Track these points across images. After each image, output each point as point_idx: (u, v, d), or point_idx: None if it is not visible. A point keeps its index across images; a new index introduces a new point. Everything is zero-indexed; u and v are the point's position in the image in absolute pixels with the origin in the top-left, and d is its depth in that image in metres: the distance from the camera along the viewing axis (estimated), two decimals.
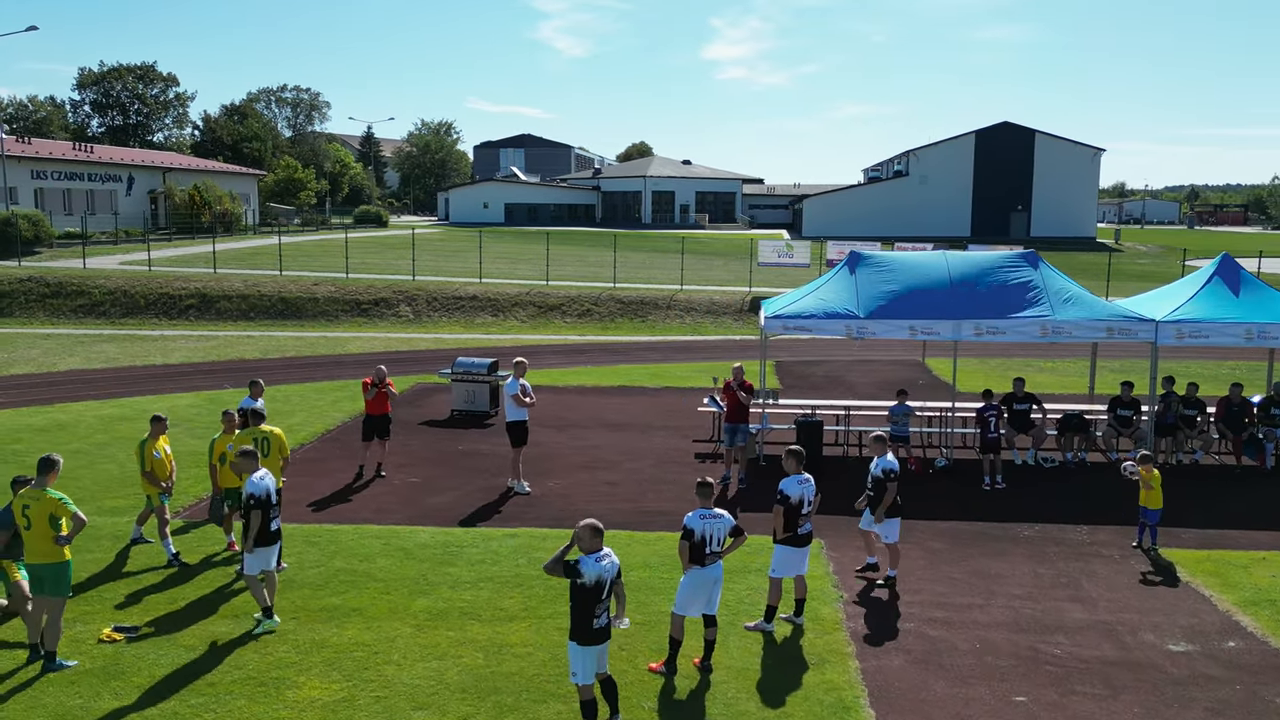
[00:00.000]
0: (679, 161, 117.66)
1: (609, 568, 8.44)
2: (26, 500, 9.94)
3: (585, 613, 8.33)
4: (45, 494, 9.92)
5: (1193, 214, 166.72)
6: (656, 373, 27.80)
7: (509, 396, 16.37)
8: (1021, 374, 27.13)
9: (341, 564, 12.80)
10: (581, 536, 8.45)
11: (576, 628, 8.39)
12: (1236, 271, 18.09)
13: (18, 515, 10.01)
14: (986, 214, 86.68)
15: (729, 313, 39.24)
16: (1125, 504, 15.43)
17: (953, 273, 18.16)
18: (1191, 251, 75.50)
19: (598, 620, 8.36)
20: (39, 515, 9.84)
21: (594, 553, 8.42)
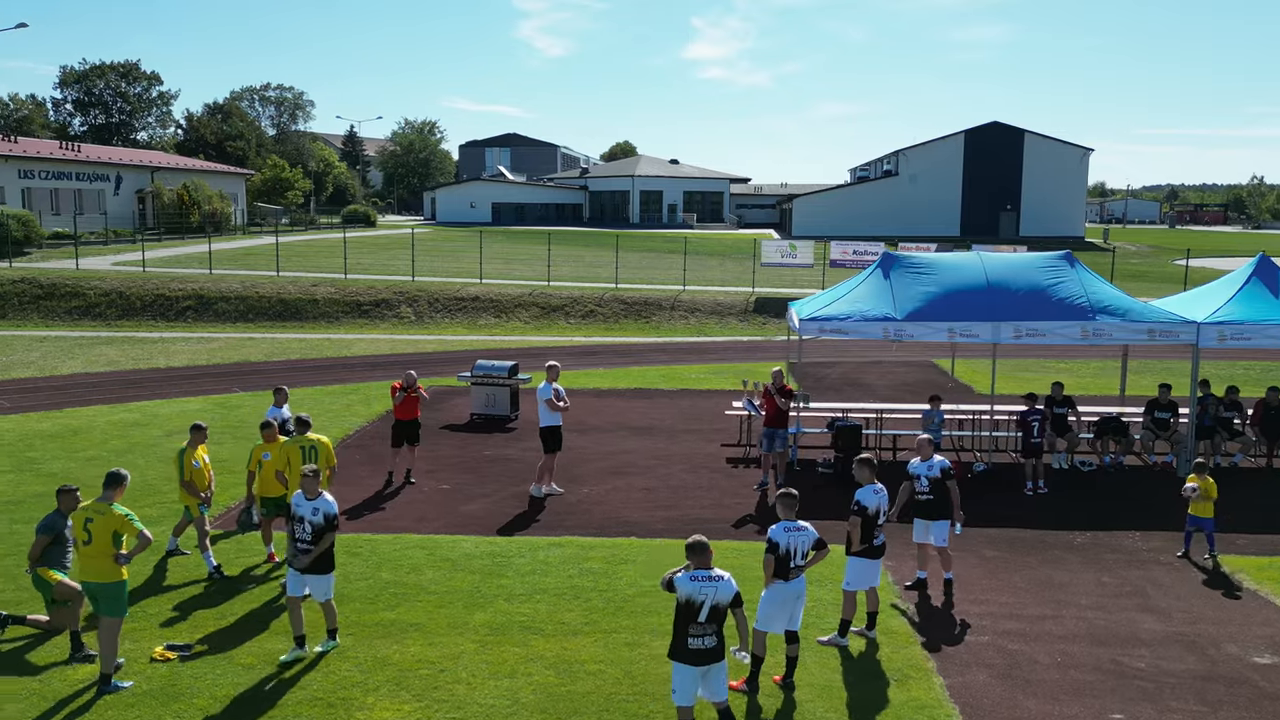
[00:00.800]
0: (666, 161, 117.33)
1: (709, 589, 8.00)
2: (90, 513, 9.53)
3: (680, 630, 8.00)
4: (112, 509, 9.54)
5: (1173, 214, 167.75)
6: (669, 375, 27.48)
7: (541, 401, 16.02)
8: (1035, 375, 27.00)
9: (389, 576, 12.41)
10: (688, 551, 8.09)
11: (673, 644, 8.07)
12: (1275, 272, 17.91)
13: (79, 528, 9.60)
14: (976, 214, 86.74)
15: (733, 313, 38.96)
16: (1172, 509, 15.23)
17: (989, 274, 17.91)
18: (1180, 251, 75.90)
19: (694, 640, 7.95)
20: (102, 530, 9.43)
21: (700, 570, 8.02)
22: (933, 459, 12.16)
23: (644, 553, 13.33)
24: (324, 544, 10.03)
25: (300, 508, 10.13)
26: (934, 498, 12.10)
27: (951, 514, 12.03)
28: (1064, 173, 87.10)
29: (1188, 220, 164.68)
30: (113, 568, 9.44)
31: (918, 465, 12.24)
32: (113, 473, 9.87)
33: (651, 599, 11.69)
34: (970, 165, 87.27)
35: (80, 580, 9.78)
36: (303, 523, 10.09)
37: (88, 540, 9.45)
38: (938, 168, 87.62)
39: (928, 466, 12.16)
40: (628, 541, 13.84)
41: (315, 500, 10.10)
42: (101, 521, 9.42)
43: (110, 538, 9.40)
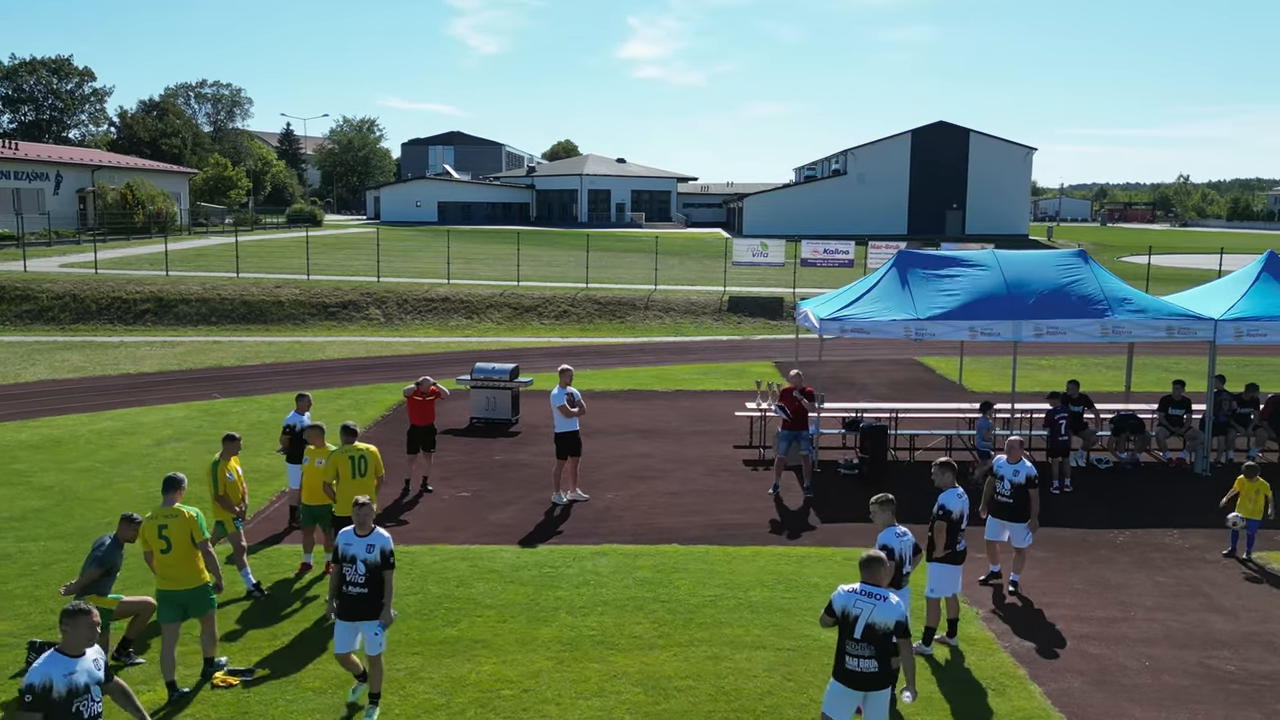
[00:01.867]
0: (613, 160, 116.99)
1: (865, 604, 7.48)
2: (163, 520, 9.27)
3: (840, 646, 7.59)
4: (184, 512, 9.31)
5: (1104, 212, 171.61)
6: (660, 375, 27.15)
7: (555, 407, 15.60)
8: (1023, 373, 27.16)
9: (438, 590, 11.91)
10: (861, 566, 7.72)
11: (835, 659, 7.65)
12: None
13: (153, 538, 9.25)
14: (923, 212, 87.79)
15: (708, 313, 38.74)
16: (1201, 506, 15.32)
17: (1006, 272, 17.85)
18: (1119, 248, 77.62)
19: (850, 660, 7.50)
20: (180, 535, 9.24)
21: (868, 584, 7.61)
22: (1021, 463, 11.97)
23: (693, 560, 12.98)
24: (387, 585, 8.83)
25: (351, 546, 8.79)
26: (1014, 502, 11.95)
27: (1029, 520, 11.88)
28: (1008, 171, 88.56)
29: (1117, 218, 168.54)
30: (196, 571, 9.28)
31: (1004, 466, 12.06)
32: (173, 477, 9.66)
33: (718, 609, 11.36)
34: (917, 164, 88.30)
35: (165, 589, 9.35)
36: (354, 563, 8.76)
37: (166, 548, 9.22)
38: (885, 167, 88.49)
39: (1014, 470, 11.98)
40: (672, 549, 13.48)
41: (369, 536, 8.84)
42: (177, 526, 9.24)
43: (189, 541, 9.25)
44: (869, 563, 7.64)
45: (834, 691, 7.64)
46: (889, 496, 9.26)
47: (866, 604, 7.48)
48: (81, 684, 6.45)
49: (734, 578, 12.38)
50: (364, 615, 8.82)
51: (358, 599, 8.79)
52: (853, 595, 7.56)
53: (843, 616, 7.53)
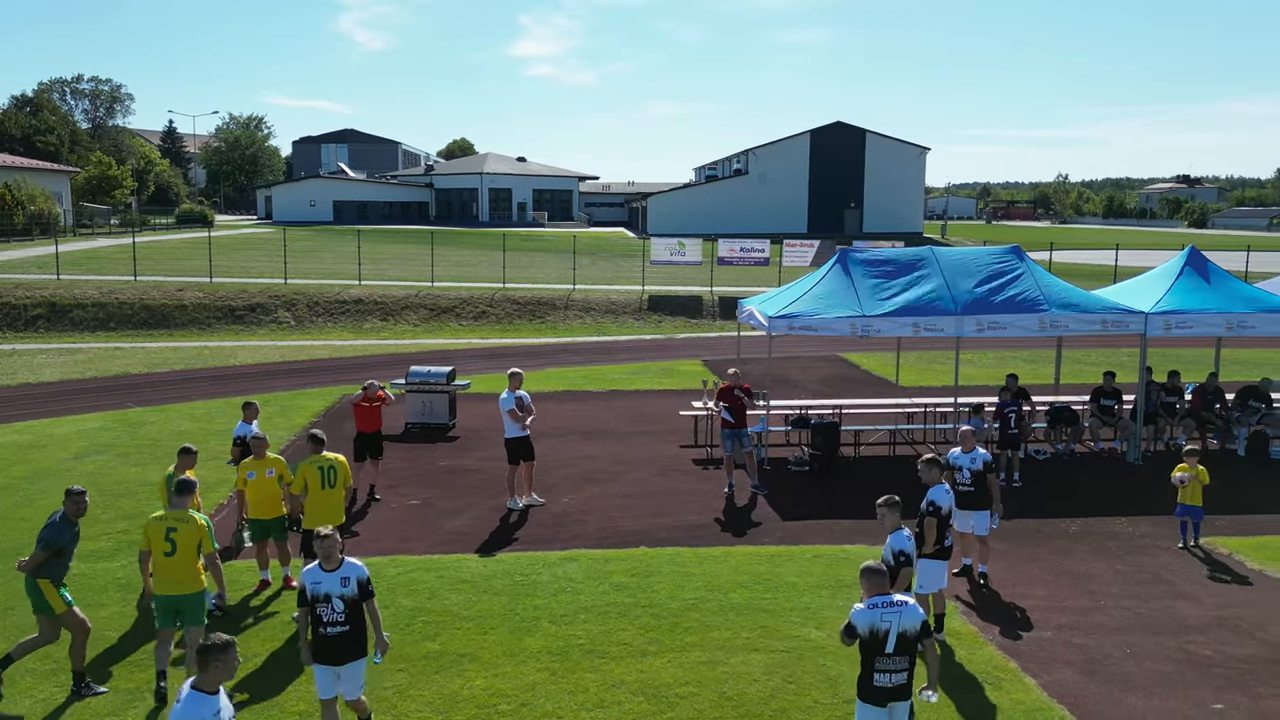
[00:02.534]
0: (514, 159, 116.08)
1: (891, 615, 7.24)
2: (173, 522, 9.11)
3: (868, 665, 7.30)
4: (195, 518, 9.20)
5: (989, 210, 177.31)
6: (591, 375, 26.91)
7: (504, 412, 15.26)
8: (944, 367, 27.77)
9: (410, 602, 11.49)
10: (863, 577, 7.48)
11: (860, 680, 7.37)
12: (1205, 263, 18.86)
13: (159, 538, 9.05)
14: (822, 211, 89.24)
15: (628, 312, 38.61)
16: (1141, 494, 15.81)
17: (945, 270, 18.14)
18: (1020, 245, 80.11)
19: (881, 677, 7.23)
20: (188, 541, 9.06)
21: (878, 596, 7.37)
22: (975, 451, 12.13)
23: (665, 563, 12.82)
24: (373, 615, 8.05)
25: (321, 584, 7.86)
26: (975, 489, 12.08)
27: (992, 505, 12.05)
28: (903, 171, 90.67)
29: (1002, 216, 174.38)
30: (196, 577, 9.11)
31: (960, 457, 12.20)
32: (184, 480, 9.50)
33: (702, 613, 11.21)
34: (816, 164, 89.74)
35: (163, 593, 9.12)
36: (329, 602, 7.84)
37: (170, 551, 9.02)
38: (785, 167, 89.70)
39: (970, 459, 12.13)
40: (641, 552, 13.29)
41: (339, 569, 7.93)
42: (187, 532, 9.06)
43: (195, 549, 9.09)
44: (874, 574, 7.45)
45: (872, 716, 7.31)
46: (896, 499, 9.24)
47: (893, 614, 7.29)
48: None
49: (711, 580, 12.25)
50: (348, 656, 7.93)
51: (339, 639, 7.88)
52: (876, 611, 7.28)
53: (871, 635, 7.23)
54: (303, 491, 11.02)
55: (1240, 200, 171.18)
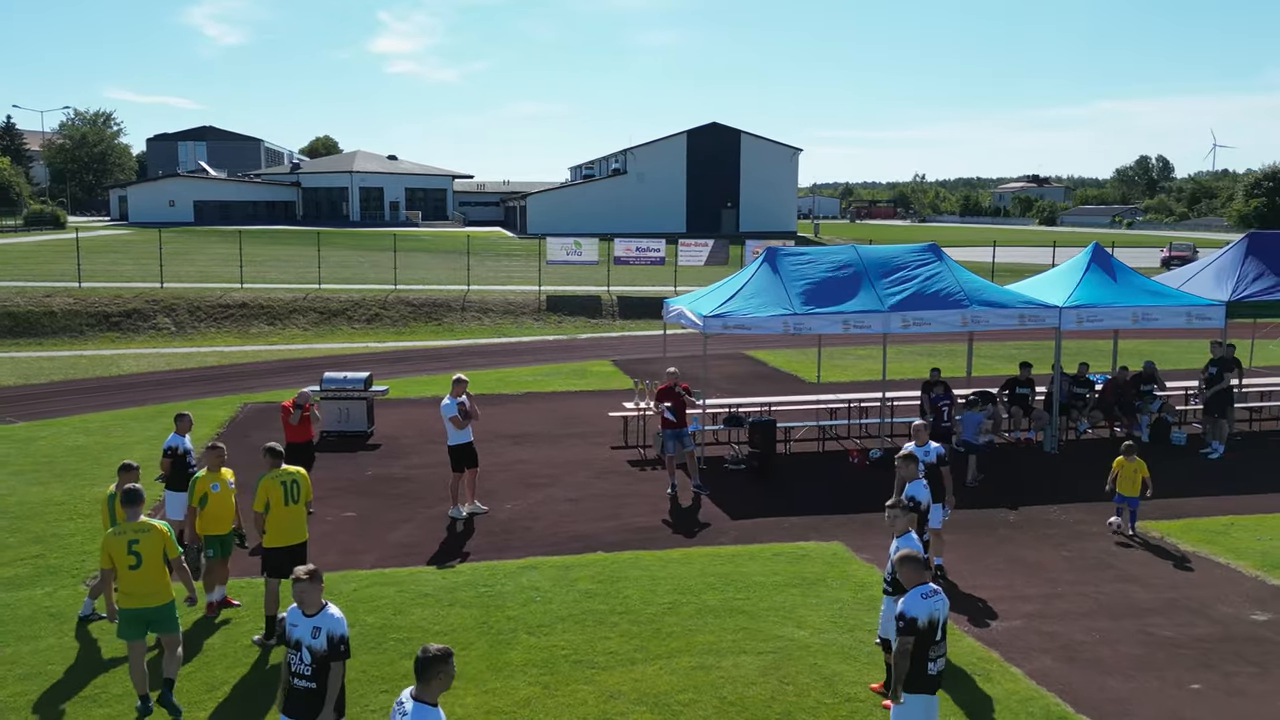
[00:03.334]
0: (385, 157, 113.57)
1: (939, 603, 7.40)
2: (133, 534, 8.70)
3: (920, 657, 7.32)
4: (155, 525, 8.85)
5: (853, 210, 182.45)
6: (502, 379, 26.44)
7: (447, 418, 14.86)
8: (852, 363, 28.37)
9: (374, 619, 11.01)
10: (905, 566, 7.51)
11: (913, 674, 7.36)
12: (1109, 259, 19.73)
13: (122, 553, 8.63)
14: (700, 211, 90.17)
15: (527, 312, 38.15)
16: (1064, 482, 16.40)
17: (869, 267, 18.48)
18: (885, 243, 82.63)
19: (933, 665, 7.35)
20: (153, 551, 8.70)
21: (922, 585, 7.42)
22: (929, 445, 12.34)
23: (629, 568, 12.64)
24: (333, 681, 7.11)
25: (297, 628, 7.14)
26: (931, 483, 12.28)
27: (944, 497, 12.27)
28: (777, 171, 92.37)
29: (865, 215, 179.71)
30: (165, 588, 8.80)
31: (915, 450, 12.39)
32: (134, 489, 9.11)
33: (680, 617, 11.09)
34: (693, 164, 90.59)
35: (130, 607, 8.76)
36: (299, 650, 7.12)
37: (136, 564, 8.66)
38: (663, 166, 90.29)
39: (924, 452, 12.31)
40: (599, 557, 13.08)
41: (316, 616, 7.14)
42: (149, 541, 8.72)
43: (161, 558, 8.77)
44: (917, 562, 7.57)
45: (928, 705, 7.41)
46: (908, 503, 9.37)
47: (940, 602, 7.43)
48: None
49: (679, 582, 12.13)
50: (310, 715, 7.11)
51: (304, 695, 7.10)
52: (927, 601, 7.37)
53: (929, 625, 7.32)
54: (264, 508, 10.41)
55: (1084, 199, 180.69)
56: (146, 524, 8.84)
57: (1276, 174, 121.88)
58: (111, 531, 8.88)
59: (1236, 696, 9.36)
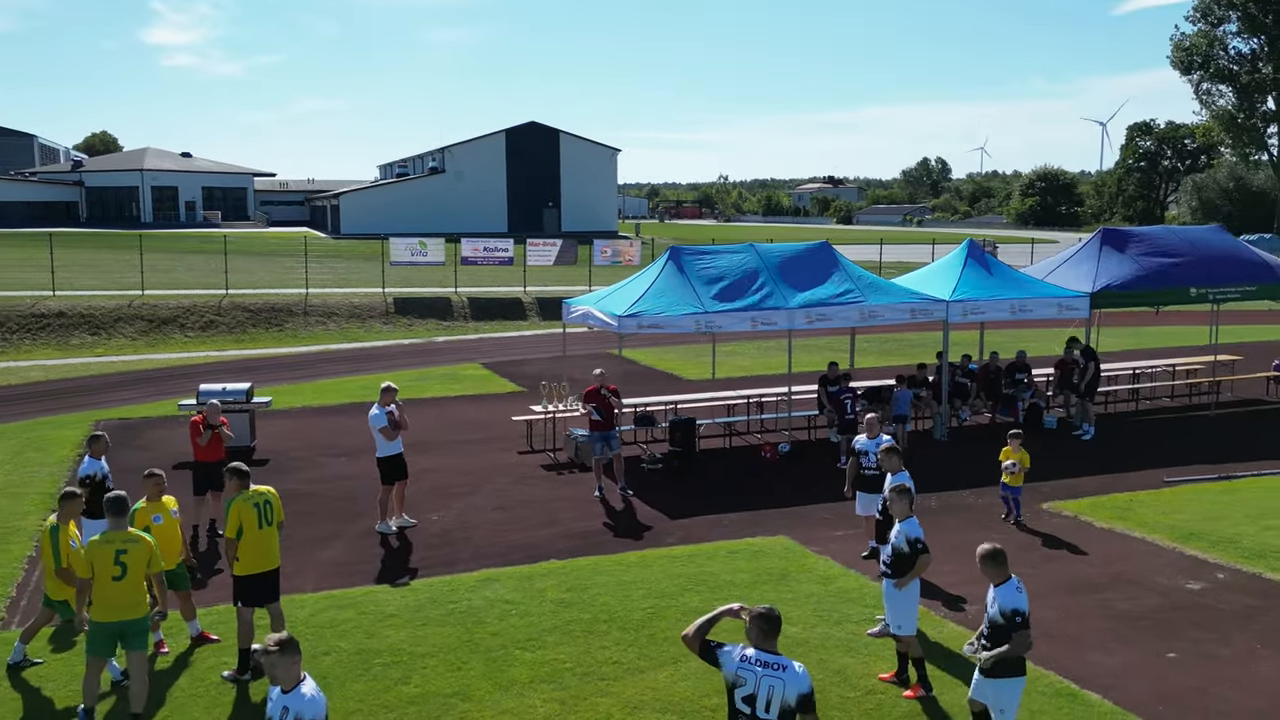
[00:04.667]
0: (178, 154, 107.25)
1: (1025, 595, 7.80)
2: (120, 544, 8.42)
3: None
4: (144, 537, 8.68)
5: (661, 210, 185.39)
6: (371, 386, 25.27)
7: (376, 429, 14.18)
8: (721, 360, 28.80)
9: (349, 645, 10.35)
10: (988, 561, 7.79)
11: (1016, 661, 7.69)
12: (982, 255, 20.80)
13: (107, 563, 8.32)
14: (521, 210, 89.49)
15: (374, 316, 36.76)
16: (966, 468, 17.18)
17: (768, 265, 18.79)
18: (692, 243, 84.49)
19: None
20: (138, 563, 8.47)
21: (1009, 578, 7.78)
22: (880, 436, 12.68)
23: (592, 575, 12.37)
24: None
25: (270, 702, 6.01)
26: (880, 473, 12.61)
27: None
28: (597, 171, 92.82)
29: (672, 215, 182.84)
30: (144, 601, 8.59)
31: (866, 442, 12.72)
32: (119, 497, 8.73)
33: (666, 621, 10.93)
34: (513, 163, 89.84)
35: (105, 620, 8.45)
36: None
37: (120, 575, 8.39)
38: (483, 165, 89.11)
39: (875, 444, 12.65)
40: (556, 565, 12.76)
41: (290, 694, 5.94)
42: (137, 553, 8.50)
43: (145, 570, 8.55)
44: (998, 556, 7.85)
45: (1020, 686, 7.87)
46: (908, 487, 9.50)
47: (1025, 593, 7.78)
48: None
49: (650, 586, 11.96)
50: None
51: None
52: (1024, 592, 7.86)
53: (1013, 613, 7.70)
54: (236, 534, 9.55)
55: (876, 199, 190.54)
56: (135, 535, 8.65)
57: (1047, 175, 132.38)
58: (96, 540, 8.54)
59: (1211, 661, 10.03)
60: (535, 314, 38.62)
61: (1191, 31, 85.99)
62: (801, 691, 5.82)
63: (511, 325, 36.91)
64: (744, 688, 5.89)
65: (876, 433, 12.86)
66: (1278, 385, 23.71)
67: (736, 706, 5.92)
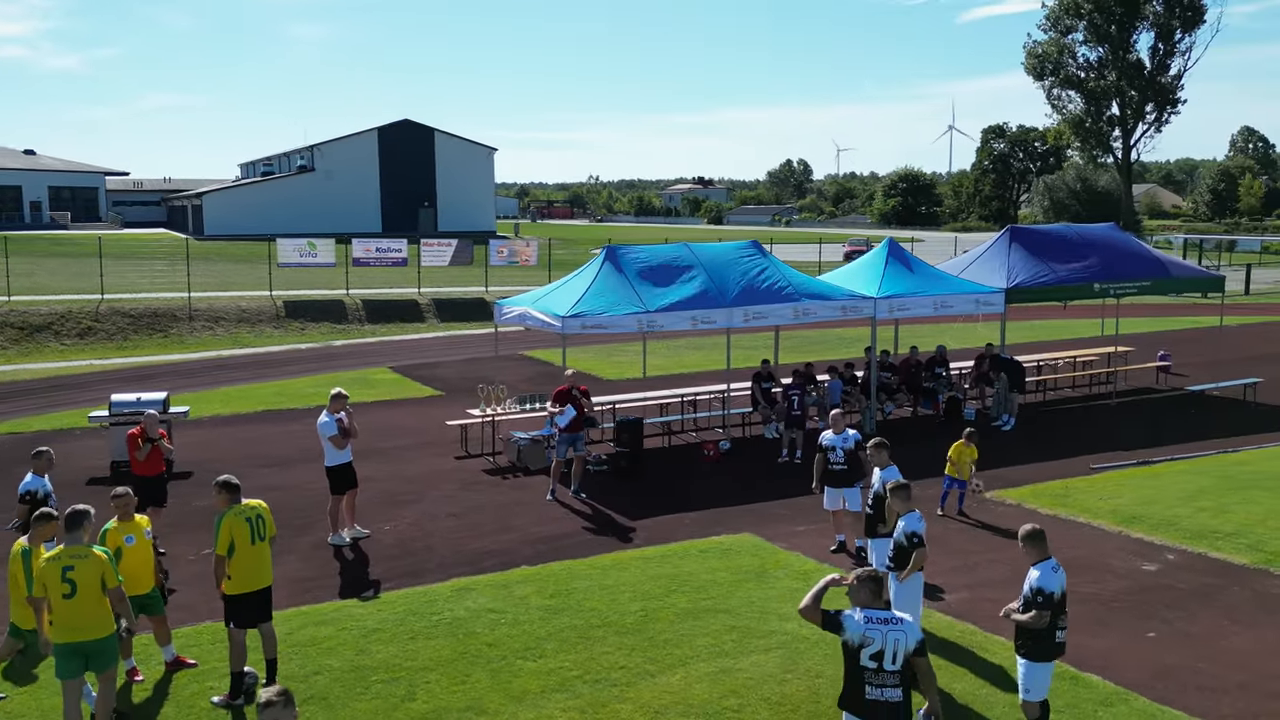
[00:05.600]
0: (20, 151, 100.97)
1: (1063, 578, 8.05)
2: (67, 560, 7.99)
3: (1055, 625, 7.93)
4: (94, 551, 8.18)
5: (533, 210, 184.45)
6: (280, 392, 24.43)
7: (325, 438, 13.68)
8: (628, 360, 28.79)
9: (339, 663, 9.92)
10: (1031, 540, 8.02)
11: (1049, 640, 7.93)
12: (903, 253, 21.34)
13: (55, 580, 7.94)
14: (396, 210, 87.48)
15: (264, 320, 35.34)
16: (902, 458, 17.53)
17: (705, 265, 18.85)
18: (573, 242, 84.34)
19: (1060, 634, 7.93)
20: (89, 579, 8.00)
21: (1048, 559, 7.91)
22: (846, 431, 12.87)
23: (569, 580, 12.15)
24: None
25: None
26: (848, 467, 12.83)
27: (863, 480, 12.80)
28: (473, 170, 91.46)
29: (544, 215, 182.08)
30: (104, 618, 8.11)
31: (833, 438, 12.88)
32: (79, 511, 8.25)
33: (661, 624, 10.82)
34: (386, 162, 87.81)
35: (67, 640, 8.01)
36: None
37: (71, 593, 7.96)
38: (354, 164, 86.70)
39: (842, 439, 12.85)
40: (531, 572, 12.50)
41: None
42: (86, 568, 8.03)
43: (99, 586, 8.05)
44: (1040, 536, 8.11)
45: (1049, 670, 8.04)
46: (906, 482, 9.89)
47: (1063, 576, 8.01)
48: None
49: (635, 589, 11.82)
50: None
51: None
52: (1060, 571, 8.02)
53: (1063, 597, 7.97)
54: (228, 551, 8.99)
55: (744, 200, 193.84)
56: (85, 550, 8.16)
57: (908, 176, 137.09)
58: (47, 558, 8.14)
59: (1187, 638, 10.49)
60: (433, 316, 37.82)
61: (1043, 39, 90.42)
62: (918, 639, 6.50)
63: (410, 328, 36.05)
64: (872, 646, 6.41)
65: (842, 428, 13.05)
66: (1165, 374, 25.08)
67: (863, 664, 6.43)
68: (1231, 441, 18.79)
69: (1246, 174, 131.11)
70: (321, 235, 49.69)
